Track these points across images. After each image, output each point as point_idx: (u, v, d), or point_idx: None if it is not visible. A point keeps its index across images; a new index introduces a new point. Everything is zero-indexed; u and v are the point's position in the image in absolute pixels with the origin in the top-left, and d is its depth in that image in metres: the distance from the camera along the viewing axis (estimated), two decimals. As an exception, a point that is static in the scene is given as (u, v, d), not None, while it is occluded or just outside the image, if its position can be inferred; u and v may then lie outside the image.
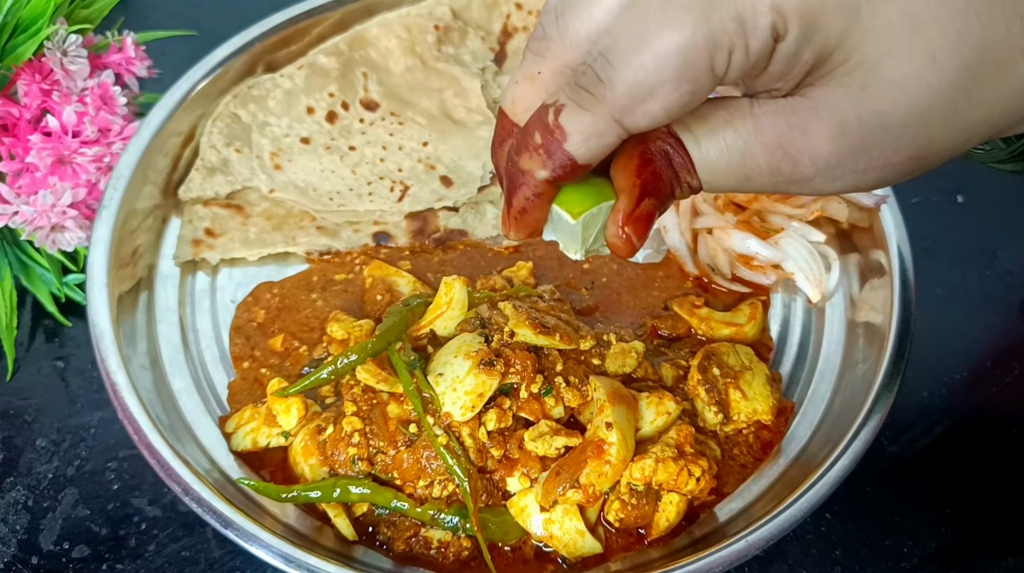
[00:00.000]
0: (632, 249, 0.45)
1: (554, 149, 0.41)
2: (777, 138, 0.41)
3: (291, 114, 0.86)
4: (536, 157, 0.42)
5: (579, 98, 0.40)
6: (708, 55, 0.37)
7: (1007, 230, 0.90)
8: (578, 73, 0.40)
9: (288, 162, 0.84)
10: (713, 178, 0.43)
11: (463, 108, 0.89)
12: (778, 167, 0.42)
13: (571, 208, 0.44)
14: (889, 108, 0.39)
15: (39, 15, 0.75)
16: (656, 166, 0.43)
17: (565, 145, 0.41)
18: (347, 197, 0.83)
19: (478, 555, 0.64)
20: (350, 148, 0.86)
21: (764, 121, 0.41)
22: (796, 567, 0.70)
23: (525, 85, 0.44)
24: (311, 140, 0.86)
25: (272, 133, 0.86)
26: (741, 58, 0.38)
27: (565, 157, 0.41)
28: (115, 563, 0.69)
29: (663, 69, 0.37)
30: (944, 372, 0.80)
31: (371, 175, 0.85)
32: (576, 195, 0.44)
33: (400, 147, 0.86)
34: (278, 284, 0.79)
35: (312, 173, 0.84)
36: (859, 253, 0.80)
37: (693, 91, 0.38)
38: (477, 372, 0.63)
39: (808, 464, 0.67)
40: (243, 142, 0.84)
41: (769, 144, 0.41)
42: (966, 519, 0.73)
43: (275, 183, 0.83)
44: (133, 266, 0.77)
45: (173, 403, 0.71)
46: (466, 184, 0.84)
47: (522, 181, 0.43)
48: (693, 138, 0.42)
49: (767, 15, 0.37)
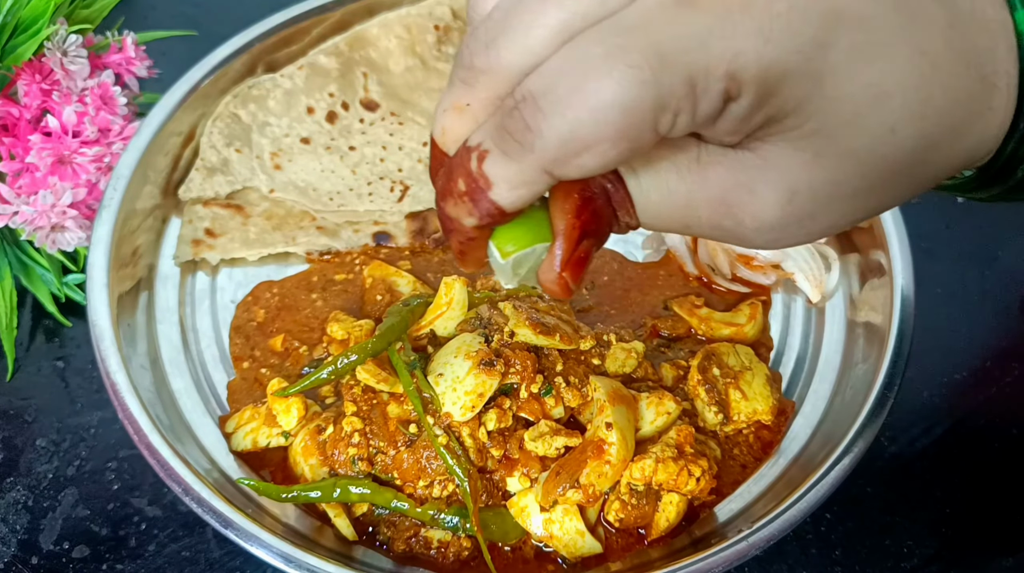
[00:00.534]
0: (569, 292, 0.42)
1: (479, 198, 0.38)
2: (722, 194, 0.38)
3: (291, 114, 0.86)
4: (461, 205, 0.38)
5: (505, 146, 0.36)
6: (653, 117, 0.34)
7: (1007, 230, 0.89)
8: (505, 114, 0.36)
9: (288, 162, 0.84)
10: (651, 220, 0.40)
11: None
12: (719, 223, 0.39)
13: (502, 245, 0.41)
14: (842, 178, 0.38)
15: (39, 15, 0.75)
16: (596, 205, 0.40)
17: (490, 194, 0.37)
18: (347, 197, 0.83)
19: (478, 555, 0.64)
20: (350, 148, 0.86)
21: (710, 172, 0.38)
22: (796, 567, 0.70)
23: (455, 115, 0.39)
24: (311, 140, 0.86)
25: (272, 133, 0.86)
26: (687, 120, 0.35)
27: (491, 206, 0.38)
28: (115, 563, 0.69)
29: (601, 126, 0.34)
30: (944, 372, 0.80)
31: (371, 175, 0.85)
32: (510, 232, 0.41)
33: (400, 147, 0.86)
34: (278, 283, 0.79)
35: (312, 173, 0.84)
36: (859, 253, 0.80)
37: (632, 149, 0.35)
38: (477, 372, 0.63)
39: (808, 464, 0.67)
40: (243, 142, 0.84)
41: (712, 199, 0.38)
42: (966, 519, 0.73)
43: (275, 183, 0.83)
44: (133, 266, 0.77)
45: (173, 403, 0.71)
46: None
47: (451, 226, 0.40)
48: (635, 177, 0.39)
49: (720, 81, 0.34)
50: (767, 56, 0.34)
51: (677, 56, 0.33)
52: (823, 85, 0.35)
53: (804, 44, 0.34)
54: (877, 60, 0.36)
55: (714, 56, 0.33)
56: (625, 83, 0.33)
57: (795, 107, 0.35)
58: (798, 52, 0.34)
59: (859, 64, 0.35)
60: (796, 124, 0.36)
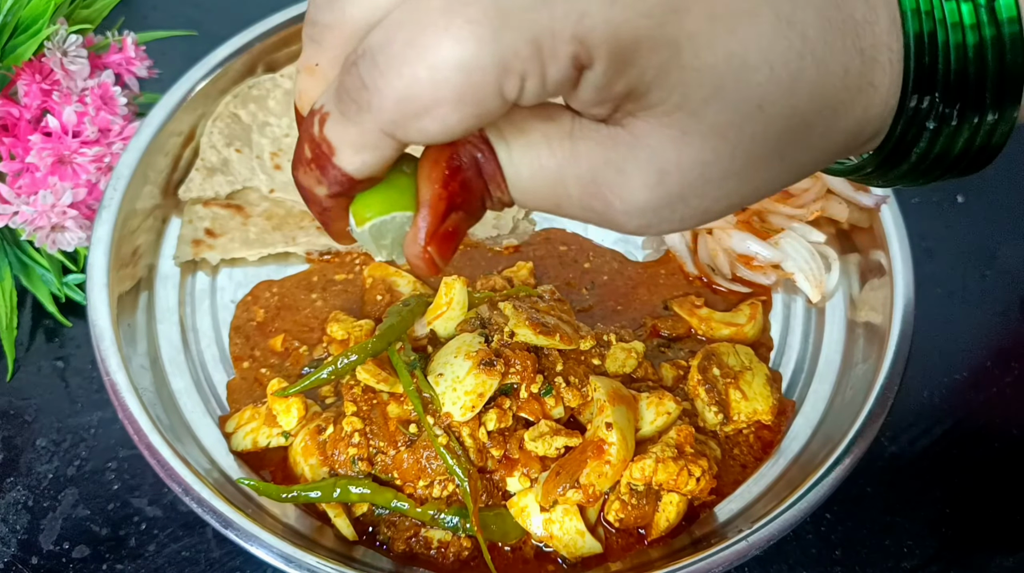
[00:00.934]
0: (435, 269, 0.38)
1: (325, 165, 0.35)
2: (592, 173, 0.36)
3: (291, 114, 0.86)
4: (310, 172, 0.36)
5: (343, 106, 0.33)
6: (496, 78, 0.31)
7: (1007, 230, 0.89)
8: (343, 72, 0.33)
9: (288, 162, 0.84)
10: (523, 197, 0.38)
11: None
12: (589, 204, 0.37)
13: (359, 212, 0.38)
14: (711, 158, 0.35)
15: (39, 15, 0.75)
16: (465, 176, 0.37)
17: (335, 159, 0.35)
18: None
19: (478, 555, 0.64)
20: None
21: (582, 147, 0.36)
22: (796, 567, 0.70)
23: (307, 77, 0.37)
24: None
25: (272, 133, 0.86)
26: (536, 85, 0.32)
27: (338, 173, 0.35)
28: (115, 563, 0.69)
29: (440, 87, 0.31)
30: (944, 372, 0.80)
31: None
32: (369, 199, 0.38)
33: None
34: (278, 283, 0.79)
35: None
36: (859, 253, 0.80)
37: (478, 114, 0.32)
38: (477, 372, 0.63)
39: (808, 464, 0.67)
40: (243, 142, 0.84)
41: (583, 177, 0.36)
42: (966, 519, 0.73)
43: (275, 183, 0.83)
44: (133, 266, 0.77)
45: (173, 403, 0.71)
46: None
47: (307, 195, 0.38)
48: (507, 149, 0.36)
49: (568, 44, 0.31)
50: (615, 19, 0.31)
51: (519, 13, 0.31)
52: (681, 54, 0.33)
53: (654, 7, 0.32)
54: (738, 28, 0.33)
55: (558, 16, 0.31)
56: (463, 40, 0.30)
57: (655, 79, 0.33)
58: (648, 16, 0.32)
59: (719, 32, 0.33)
60: (660, 99, 0.34)
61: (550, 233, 0.83)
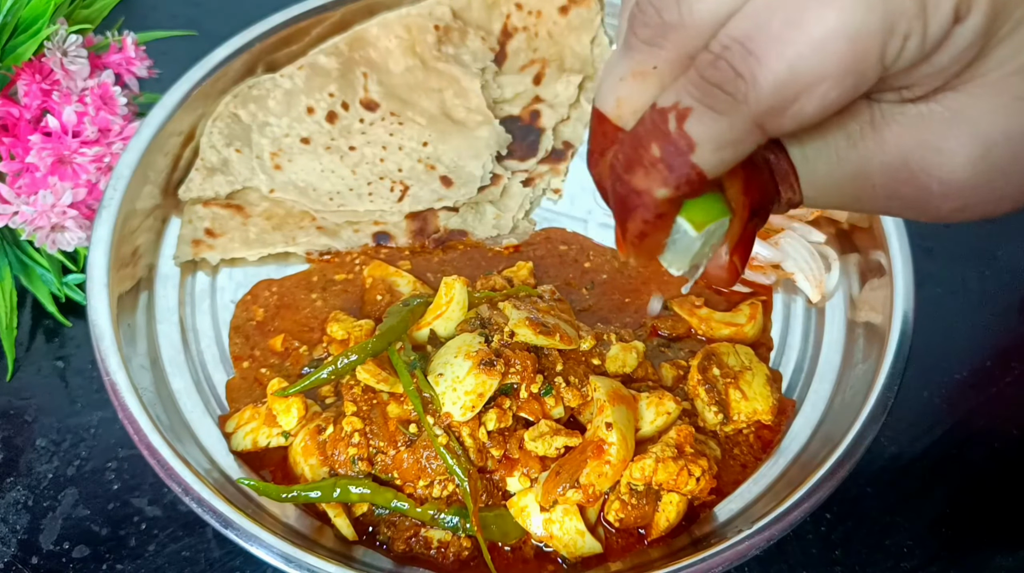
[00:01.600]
0: (736, 279, 0.39)
1: (678, 163, 0.34)
2: (903, 157, 0.34)
3: (291, 114, 0.86)
4: (655, 173, 0.35)
5: (711, 99, 0.32)
6: (881, 42, 0.30)
7: (1007, 230, 0.90)
8: (705, 66, 0.32)
9: (288, 162, 0.84)
10: (817, 194, 0.37)
11: (463, 108, 0.89)
12: (897, 190, 0.35)
13: (694, 218, 0.37)
14: None
15: (39, 15, 0.75)
16: (762, 179, 0.36)
17: (692, 157, 0.34)
18: (347, 197, 0.83)
19: (478, 555, 0.64)
20: (350, 148, 0.86)
21: (888, 134, 0.34)
22: (796, 567, 0.70)
23: (634, 83, 0.35)
24: (311, 140, 0.86)
25: (272, 133, 0.86)
26: (916, 44, 0.31)
27: (692, 172, 0.34)
28: (115, 563, 0.69)
29: (826, 61, 0.30)
30: (944, 372, 0.80)
31: (371, 175, 0.85)
32: (696, 205, 0.37)
33: (400, 147, 0.86)
34: (277, 282, 0.79)
35: (312, 173, 0.84)
36: (859, 253, 0.80)
37: (856, 86, 0.31)
38: (477, 372, 0.63)
39: (808, 464, 0.67)
40: (243, 142, 0.84)
41: (891, 163, 0.34)
42: (966, 519, 0.73)
43: (275, 183, 0.83)
44: (133, 266, 0.77)
45: (173, 403, 0.71)
46: (466, 184, 0.84)
47: (637, 202, 0.36)
48: (800, 146, 0.36)
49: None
50: None
51: None
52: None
53: None
54: None
55: None
56: (849, 7, 0.29)
57: (1008, 34, 0.32)
58: None
59: None
60: (1001, 60, 0.32)
61: (550, 233, 0.84)
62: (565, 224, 0.84)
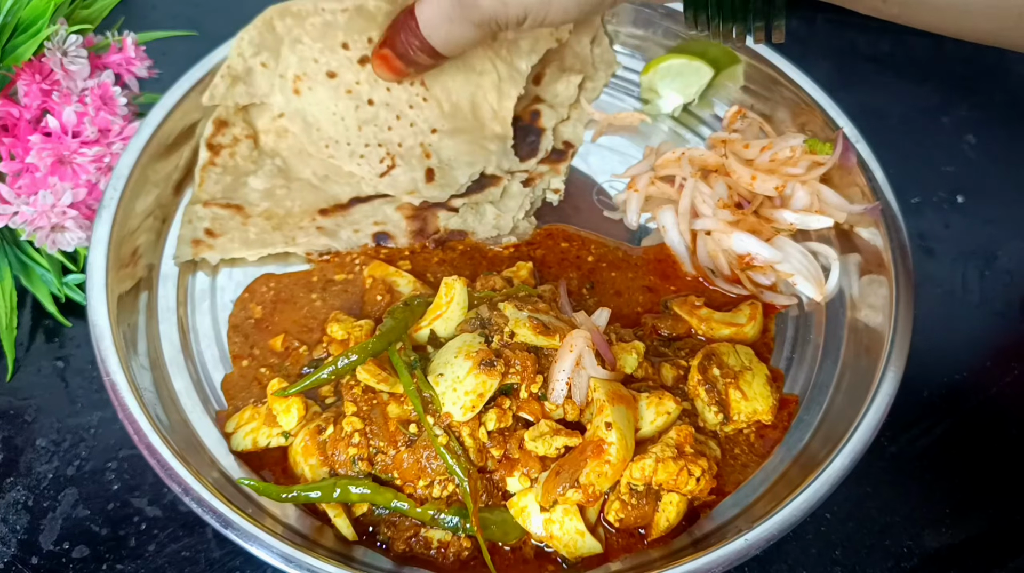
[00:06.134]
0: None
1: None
2: None
3: (325, 41, 0.84)
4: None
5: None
6: None
7: (1007, 230, 0.90)
8: None
9: (308, 90, 0.83)
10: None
11: (490, 108, 0.87)
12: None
13: None
14: None
15: (39, 15, 0.75)
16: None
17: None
18: (340, 151, 0.83)
19: (478, 555, 0.64)
20: (368, 102, 0.84)
21: None
22: (796, 567, 0.70)
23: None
24: (337, 75, 0.84)
25: (302, 52, 0.83)
26: None
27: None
28: (115, 563, 0.69)
29: None
30: (944, 372, 0.80)
31: (372, 139, 0.84)
32: None
33: (412, 123, 0.85)
34: (275, 278, 0.79)
35: (324, 111, 0.83)
36: (859, 253, 0.80)
37: None
38: (477, 372, 0.63)
39: (808, 463, 0.67)
40: (272, 54, 0.83)
41: None
42: (966, 519, 0.73)
43: (288, 107, 0.83)
44: (133, 266, 0.77)
45: (173, 403, 0.71)
46: (445, 187, 0.83)
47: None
48: None
49: None
50: None
51: None
52: None
53: None
54: None
55: None
56: None
57: None
58: None
59: None
60: None
61: (551, 229, 0.83)
62: (567, 222, 0.84)
